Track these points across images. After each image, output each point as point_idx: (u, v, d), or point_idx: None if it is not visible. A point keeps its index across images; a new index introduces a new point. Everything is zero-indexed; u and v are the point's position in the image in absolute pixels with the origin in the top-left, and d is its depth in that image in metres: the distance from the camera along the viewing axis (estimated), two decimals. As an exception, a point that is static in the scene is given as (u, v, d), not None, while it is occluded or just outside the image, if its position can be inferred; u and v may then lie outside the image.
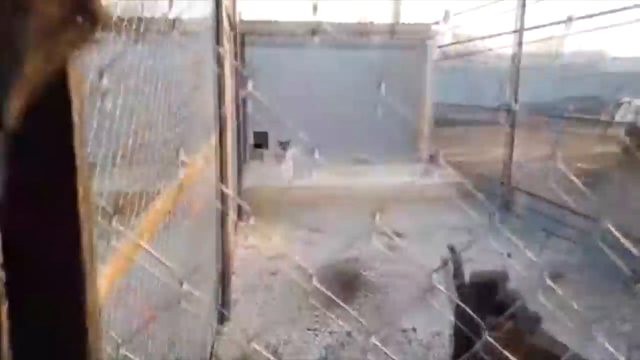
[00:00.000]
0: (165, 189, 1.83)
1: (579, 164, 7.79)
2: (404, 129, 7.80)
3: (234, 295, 3.76)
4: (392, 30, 8.69)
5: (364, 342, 3.24)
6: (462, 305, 1.84)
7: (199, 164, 2.64)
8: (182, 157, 1.94)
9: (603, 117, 6.93)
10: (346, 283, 4.05)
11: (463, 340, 2.07)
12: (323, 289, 3.77)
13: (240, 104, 6.51)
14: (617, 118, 7.62)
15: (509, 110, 6.54)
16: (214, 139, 3.37)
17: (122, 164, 1.53)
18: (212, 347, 3.02)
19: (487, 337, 1.22)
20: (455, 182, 7.08)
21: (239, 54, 6.97)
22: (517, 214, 6.06)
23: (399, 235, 5.39)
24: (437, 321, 3.47)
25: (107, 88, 1.34)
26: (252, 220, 4.11)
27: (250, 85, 1.12)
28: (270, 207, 6.08)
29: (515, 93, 6.45)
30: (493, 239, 5.19)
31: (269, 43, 7.87)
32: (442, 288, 3.76)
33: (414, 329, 3.36)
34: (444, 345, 3.19)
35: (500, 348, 1.28)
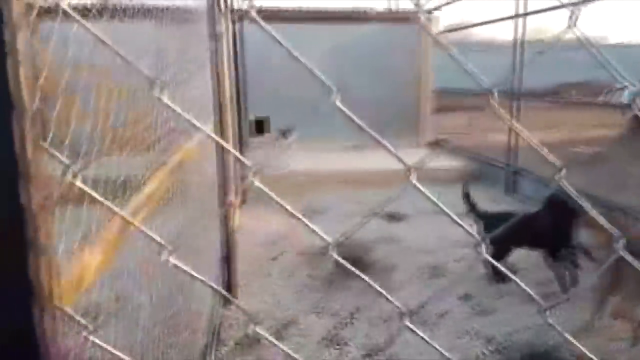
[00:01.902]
0: (155, 174, 1.78)
1: (581, 147, 7.77)
2: (404, 113, 7.75)
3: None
4: (389, 17, 8.59)
5: (367, 323, 3.21)
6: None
7: (195, 148, 2.58)
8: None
9: (603, 101, 6.90)
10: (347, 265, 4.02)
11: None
12: (325, 272, 3.72)
13: (241, 89, 6.46)
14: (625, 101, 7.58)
15: (512, 96, 6.48)
16: (211, 124, 3.32)
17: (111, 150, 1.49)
18: (216, 329, 2.99)
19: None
20: (457, 166, 7.05)
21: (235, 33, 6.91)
22: (520, 197, 6.03)
23: (400, 218, 5.36)
24: (441, 302, 3.45)
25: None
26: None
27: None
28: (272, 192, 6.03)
29: (518, 78, 6.40)
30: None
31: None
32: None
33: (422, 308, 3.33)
34: (451, 324, 3.17)
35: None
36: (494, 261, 0.95)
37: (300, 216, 0.57)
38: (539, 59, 6.91)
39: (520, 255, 4.19)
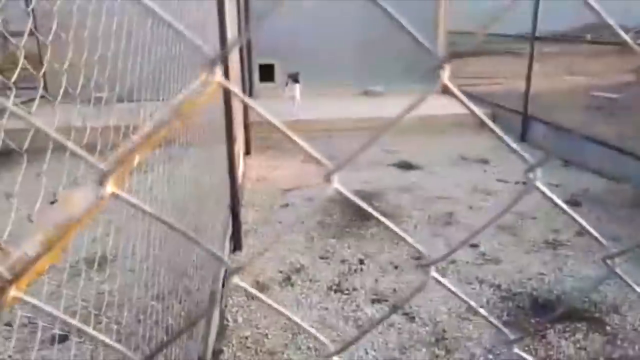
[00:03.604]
0: (154, 120, 1.70)
1: (597, 92, 7.52)
2: (418, 59, 7.47)
3: (245, 226, 3.73)
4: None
5: (376, 269, 3.21)
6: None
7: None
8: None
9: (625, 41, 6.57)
10: (357, 214, 3.99)
11: None
12: (335, 219, 3.68)
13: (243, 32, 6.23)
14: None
15: (528, 38, 6.18)
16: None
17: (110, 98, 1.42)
18: (225, 275, 3.01)
19: None
20: (469, 113, 6.86)
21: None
22: (533, 144, 5.88)
23: (414, 167, 5.28)
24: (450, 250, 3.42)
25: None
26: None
27: None
28: (278, 141, 5.96)
29: (535, 21, 6.06)
30: (508, 168, 5.07)
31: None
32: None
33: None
34: (459, 272, 3.16)
35: None
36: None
37: (303, 144, 0.50)
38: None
39: (533, 203, 4.12)
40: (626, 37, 0.62)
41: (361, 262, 3.30)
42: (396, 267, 3.23)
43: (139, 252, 1.70)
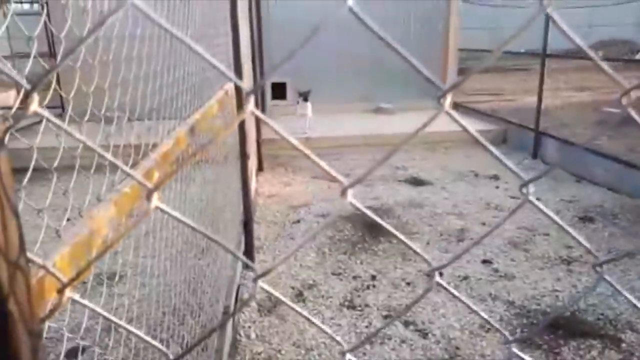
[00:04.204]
0: (174, 134, 1.75)
1: (608, 108, 7.51)
2: (430, 73, 7.53)
3: (257, 242, 3.76)
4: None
5: (389, 285, 3.21)
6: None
7: (214, 110, 2.54)
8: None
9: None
10: (369, 230, 4.00)
11: None
12: (346, 235, 3.70)
13: (257, 53, 6.35)
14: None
15: (539, 55, 6.21)
16: (230, 87, 3.27)
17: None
18: (238, 291, 3.03)
19: None
20: (481, 129, 6.89)
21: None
22: (545, 160, 5.87)
23: (423, 182, 5.29)
24: (463, 267, 3.42)
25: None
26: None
27: None
28: (290, 158, 6.02)
29: (545, 38, 6.09)
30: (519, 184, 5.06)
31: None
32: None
33: (440, 274, 3.30)
34: (471, 288, 3.15)
35: None
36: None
37: (318, 160, 0.53)
38: (566, 17, 6.57)
39: (545, 220, 4.10)
40: (597, 59, 0.64)
41: (373, 278, 3.30)
42: (408, 284, 3.23)
43: (157, 267, 1.74)
